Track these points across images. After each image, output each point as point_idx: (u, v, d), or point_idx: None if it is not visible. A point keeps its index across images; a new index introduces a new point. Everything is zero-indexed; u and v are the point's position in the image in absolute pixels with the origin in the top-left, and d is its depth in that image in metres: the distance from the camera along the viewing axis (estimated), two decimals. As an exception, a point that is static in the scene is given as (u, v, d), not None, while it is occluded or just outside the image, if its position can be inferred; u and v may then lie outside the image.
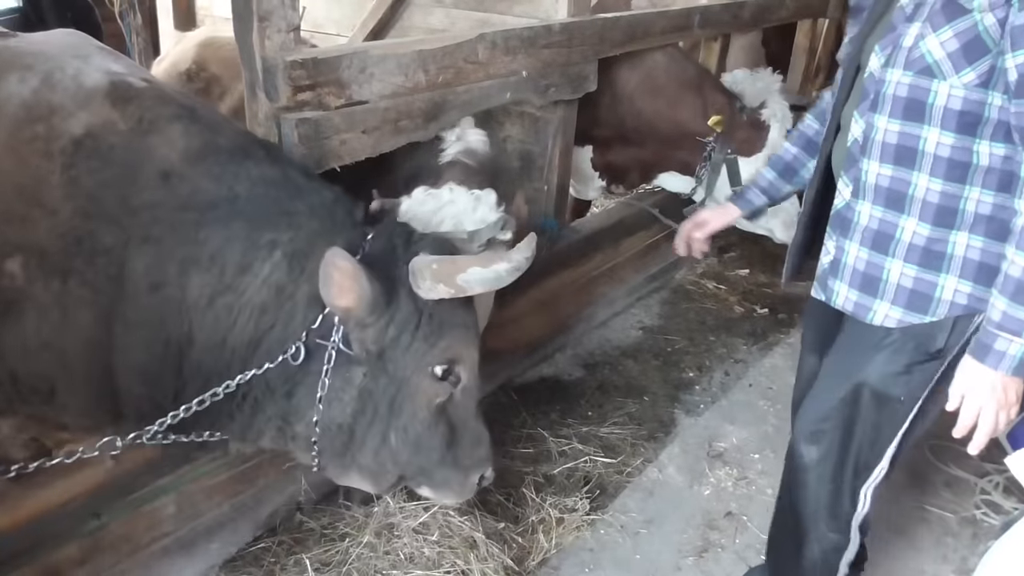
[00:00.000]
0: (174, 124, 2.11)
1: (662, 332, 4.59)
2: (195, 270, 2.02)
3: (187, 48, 4.07)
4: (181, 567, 2.63)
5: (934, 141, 1.97)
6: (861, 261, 2.15)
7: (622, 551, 3.06)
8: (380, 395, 2.10)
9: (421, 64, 2.76)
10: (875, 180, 2.09)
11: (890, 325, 2.13)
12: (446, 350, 2.11)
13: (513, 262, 2.02)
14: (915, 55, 1.94)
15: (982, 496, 3.39)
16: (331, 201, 2.18)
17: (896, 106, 2.00)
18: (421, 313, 2.05)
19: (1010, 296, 1.84)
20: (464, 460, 2.26)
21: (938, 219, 2.02)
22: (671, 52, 4.17)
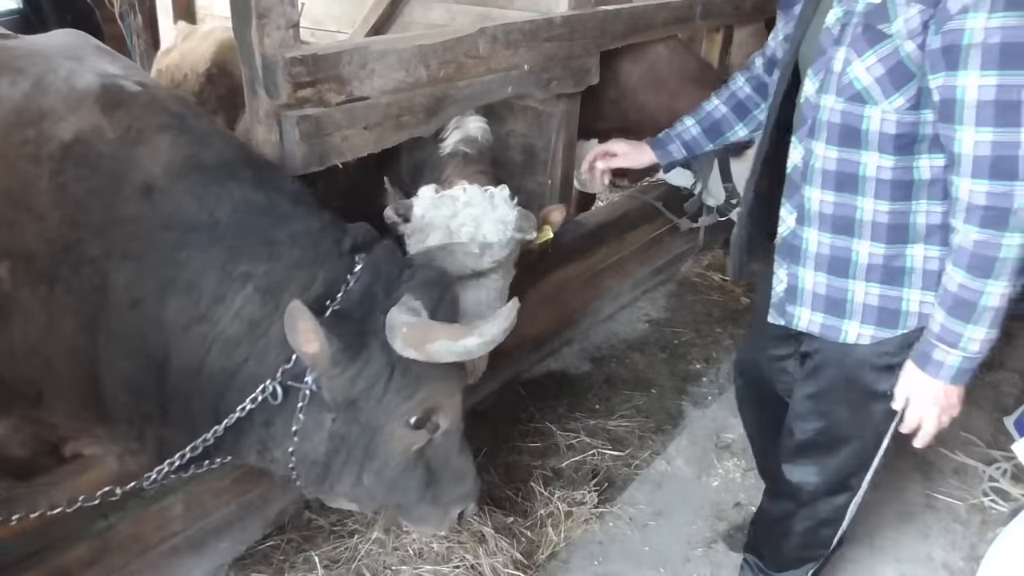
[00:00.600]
0: (162, 135, 2.07)
1: (668, 325, 4.58)
2: (173, 293, 1.98)
3: (204, 47, 4.04)
4: (191, 566, 2.63)
5: (874, 165, 1.96)
6: (821, 285, 2.13)
7: (631, 543, 3.06)
8: (353, 440, 2.06)
9: (422, 59, 2.75)
10: (819, 207, 2.07)
11: (864, 343, 2.12)
12: (423, 402, 2.05)
13: (485, 336, 1.89)
14: (844, 81, 1.92)
15: (990, 483, 3.39)
16: (317, 230, 2.10)
17: (832, 133, 1.98)
18: (394, 367, 1.98)
19: (947, 310, 1.88)
20: (443, 497, 2.24)
21: (891, 237, 2.02)
22: (673, 44, 4.15)
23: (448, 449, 2.21)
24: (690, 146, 2.67)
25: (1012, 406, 3.86)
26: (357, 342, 1.94)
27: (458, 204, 2.60)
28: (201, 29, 4.46)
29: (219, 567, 2.74)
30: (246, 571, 2.76)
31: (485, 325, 1.90)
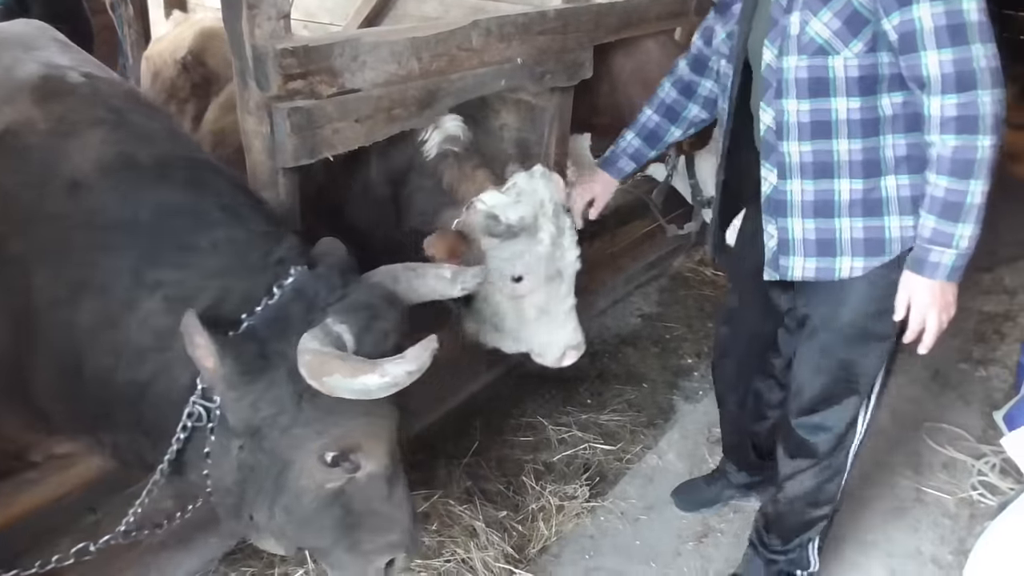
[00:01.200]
0: (95, 129, 1.98)
1: (661, 320, 4.58)
2: (86, 295, 1.88)
3: (185, 34, 4.02)
4: (180, 561, 2.62)
5: (844, 108, 2.18)
6: (811, 231, 2.31)
7: (622, 537, 3.07)
8: (262, 471, 1.88)
9: (414, 52, 2.73)
10: (799, 158, 2.26)
11: (856, 275, 2.30)
12: (338, 440, 1.85)
13: (387, 376, 1.70)
14: (805, 40, 2.14)
15: (979, 477, 3.40)
16: (243, 239, 1.95)
17: (801, 87, 2.19)
18: (301, 396, 1.79)
19: (937, 214, 2.08)
20: (364, 545, 1.99)
21: (866, 172, 2.23)
22: (663, 40, 4.14)
23: (373, 493, 1.95)
24: (636, 157, 2.91)
25: (1001, 401, 3.87)
26: (258, 364, 1.78)
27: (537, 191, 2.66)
28: (194, 17, 4.44)
29: (209, 562, 2.73)
30: (236, 566, 2.75)
31: (389, 364, 1.71)
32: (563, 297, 2.76)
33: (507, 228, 2.59)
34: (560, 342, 2.78)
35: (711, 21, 2.67)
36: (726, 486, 3.22)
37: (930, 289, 2.14)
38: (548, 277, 2.69)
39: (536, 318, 2.75)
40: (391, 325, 1.93)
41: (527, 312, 2.74)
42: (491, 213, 2.61)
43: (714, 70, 2.69)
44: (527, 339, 2.82)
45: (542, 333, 2.78)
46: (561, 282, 2.74)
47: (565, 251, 2.73)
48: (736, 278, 2.87)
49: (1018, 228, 5.67)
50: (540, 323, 2.76)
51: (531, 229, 2.63)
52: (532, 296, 2.71)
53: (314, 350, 1.72)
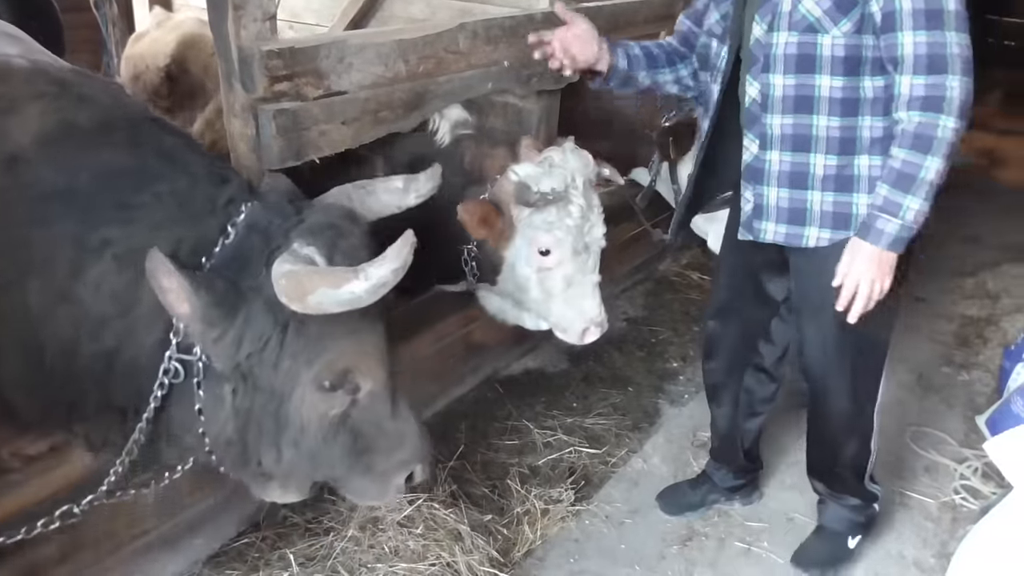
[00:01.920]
0: (35, 103, 1.91)
1: (646, 323, 4.59)
2: (32, 273, 1.82)
3: (167, 40, 3.98)
4: (164, 563, 2.61)
5: (827, 86, 2.30)
6: (784, 200, 2.45)
7: (607, 541, 3.07)
8: (259, 412, 1.87)
9: (401, 54, 2.73)
10: (780, 131, 2.39)
11: (823, 245, 2.43)
12: (330, 365, 1.84)
13: (372, 279, 1.68)
14: (796, 17, 2.26)
15: (961, 481, 3.42)
16: (186, 186, 1.91)
17: (788, 63, 2.31)
18: (286, 325, 1.79)
19: (891, 184, 2.21)
20: (379, 465, 2.01)
21: (842, 149, 2.35)
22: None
23: (377, 411, 1.96)
24: (631, 62, 2.76)
25: (984, 405, 3.90)
26: (232, 297, 1.76)
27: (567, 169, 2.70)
28: (175, 18, 4.41)
29: (193, 564, 2.71)
30: (220, 568, 2.73)
31: (371, 267, 1.69)
32: (589, 271, 2.80)
33: (541, 196, 2.63)
34: (584, 317, 2.80)
35: (701, 4, 2.72)
36: (711, 490, 3.22)
37: (869, 255, 2.25)
38: (575, 251, 2.73)
39: (561, 292, 2.77)
40: (358, 241, 1.92)
41: (553, 285, 2.77)
42: (523, 182, 2.65)
43: (695, 54, 2.76)
44: (552, 313, 2.84)
45: (567, 307, 2.80)
46: (588, 256, 2.78)
47: (593, 226, 2.77)
48: (726, 271, 2.93)
49: (1001, 233, 5.72)
50: (565, 297, 2.78)
51: (562, 200, 2.67)
52: (559, 269, 2.74)
53: (289, 271, 1.70)
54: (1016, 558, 2.15)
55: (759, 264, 2.74)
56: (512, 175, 2.68)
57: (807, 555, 2.97)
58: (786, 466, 3.47)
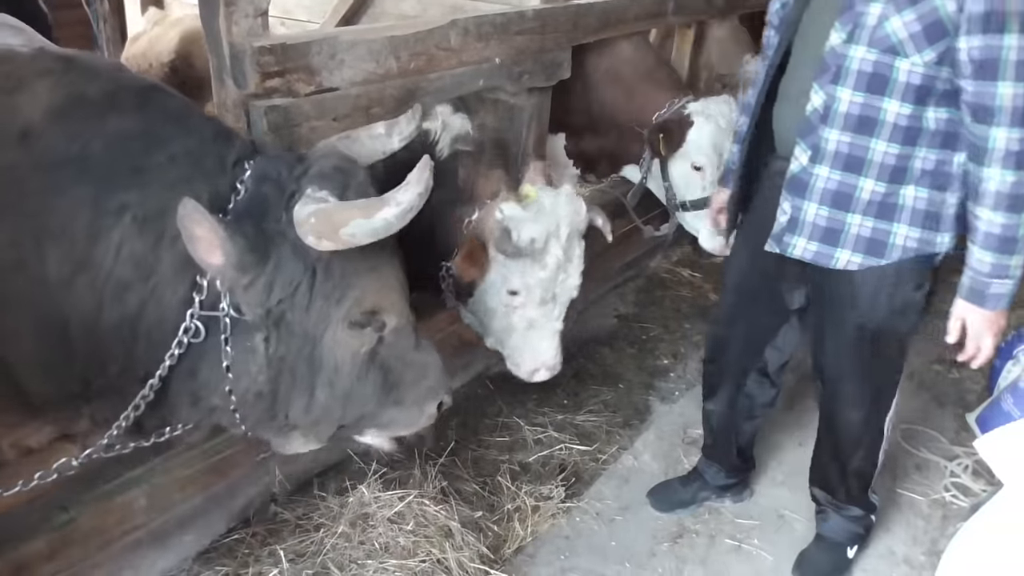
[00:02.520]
0: (43, 79, 1.92)
1: (637, 320, 4.59)
2: (49, 243, 1.82)
3: (169, 36, 3.98)
4: (154, 560, 2.61)
5: (894, 111, 2.22)
6: (822, 218, 2.39)
7: (598, 538, 3.07)
8: (293, 357, 1.92)
9: (392, 50, 2.73)
10: (835, 147, 2.31)
11: (852, 268, 2.41)
12: (359, 302, 1.92)
13: (403, 204, 1.77)
14: (880, 34, 2.16)
15: (952, 479, 3.43)
16: (197, 146, 1.94)
17: (860, 80, 2.22)
18: (314, 268, 1.85)
19: (995, 249, 2.18)
20: (409, 397, 2.10)
21: (892, 177, 2.30)
22: (637, 41, 4.15)
23: (402, 346, 2.05)
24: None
25: (974, 403, 3.91)
26: (263, 244, 1.81)
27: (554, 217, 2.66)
28: (171, 16, 4.40)
29: (183, 560, 2.71)
30: (210, 565, 2.73)
31: (399, 193, 1.78)
32: (552, 319, 2.80)
33: (515, 248, 2.60)
34: (537, 358, 2.82)
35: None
36: (702, 487, 3.22)
37: (988, 318, 2.26)
38: (543, 300, 2.72)
39: (521, 331, 2.79)
40: (364, 180, 2.00)
41: (516, 322, 2.78)
42: (505, 227, 2.61)
43: None
44: (508, 347, 2.86)
45: (523, 345, 2.82)
46: (554, 306, 2.78)
47: (568, 277, 2.76)
48: (738, 275, 2.89)
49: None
50: (524, 336, 2.80)
51: (538, 252, 2.64)
52: (523, 310, 2.75)
53: (318, 210, 1.77)
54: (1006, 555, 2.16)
55: (776, 272, 2.68)
56: (497, 213, 2.65)
57: (809, 566, 2.95)
58: (777, 463, 3.48)
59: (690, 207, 3.93)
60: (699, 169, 3.84)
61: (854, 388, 2.66)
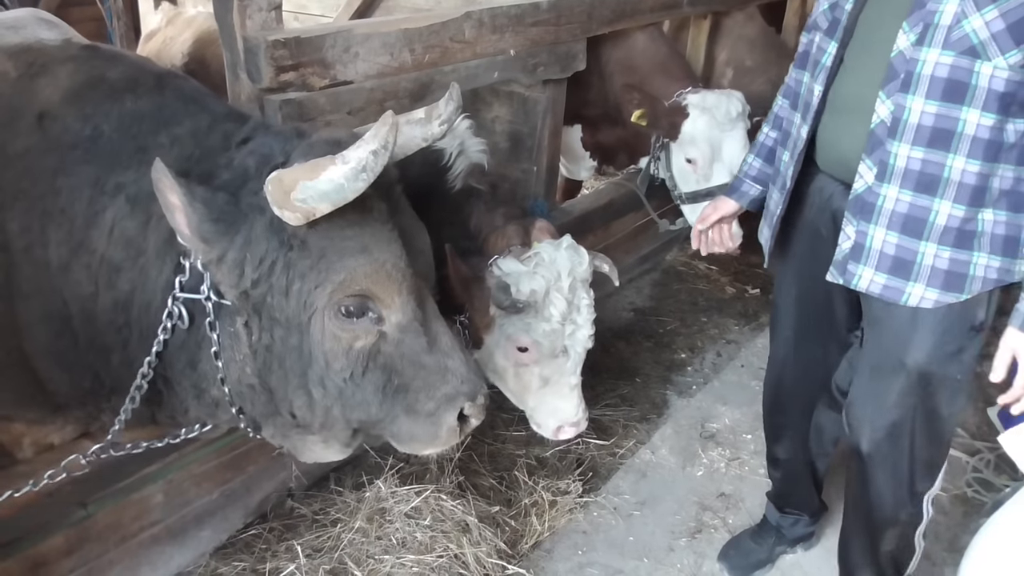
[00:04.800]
0: (66, 64, 1.92)
1: (654, 313, 4.57)
2: (51, 225, 1.78)
3: (184, 37, 3.97)
4: (171, 555, 2.61)
5: (974, 122, 1.93)
6: (890, 245, 2.09)
7: (615, 533, 3.06)
8: (280, 347, 1.74)
9: (407, 43, 2.71)
10: (905, 163, 2.02)
11: (926, 306, 2.10)
12: (344, 286, 1.68)
13: (350, 162, 1.55)
14: (957, 35, 1.88)
15: (973, 474, 3.40)
16: (206, 126, 1.86)
17: (934, 87, 1.94)
18: (291, 245, 1.66)
19: None
20: (422, 405, 1.82)
21: (972, 199, 2.00)
22: (651, 32, 4.12)
23: (411, 344, 1.78)
24: (759, 179, 2.62)
25: (996, 397, 3.86)
26: (232, 215, 1.65)
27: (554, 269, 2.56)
28: (185, 14, 4.39)
29: (200, 556, 2.72)
30: (227, 560, 2.73)
31: (349, 151, 1.56)
32: (567, 373, 2.67)
33: (513, 304, 2.51)
34: (558, 416, 2.71)
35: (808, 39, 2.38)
36: (779, 542, 2.96)
37: None
38: (552, 354, 2.62)
39: (537, 389, 2.70)
40: None
41: (530, 381, 2.69)
42: (503, 283, 2.52)
43: None
44: (527, 406, 2.77)
45: (541, 405, 2.72)
46: (567, 359, 2.65)
47: (577, 328, 2.63)
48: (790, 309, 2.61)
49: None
50: (541, 394, 2.70)
51: (540, 304, 2.54)
52: (535, 367, 2.65)
53: (273, 176, 1.58)
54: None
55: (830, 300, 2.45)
56: (496, 270, 2.58)
57: None
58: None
59: (685, 200, 3.89)
60: (691, 162, 3.80)
61: (894, 445, 2.31)
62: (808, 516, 2.94)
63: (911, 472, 2.33)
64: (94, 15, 5.35)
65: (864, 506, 2.45)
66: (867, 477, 2.38)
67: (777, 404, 2.78)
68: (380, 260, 1.70)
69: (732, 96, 3.79)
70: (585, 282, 2.66)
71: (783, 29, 5.48)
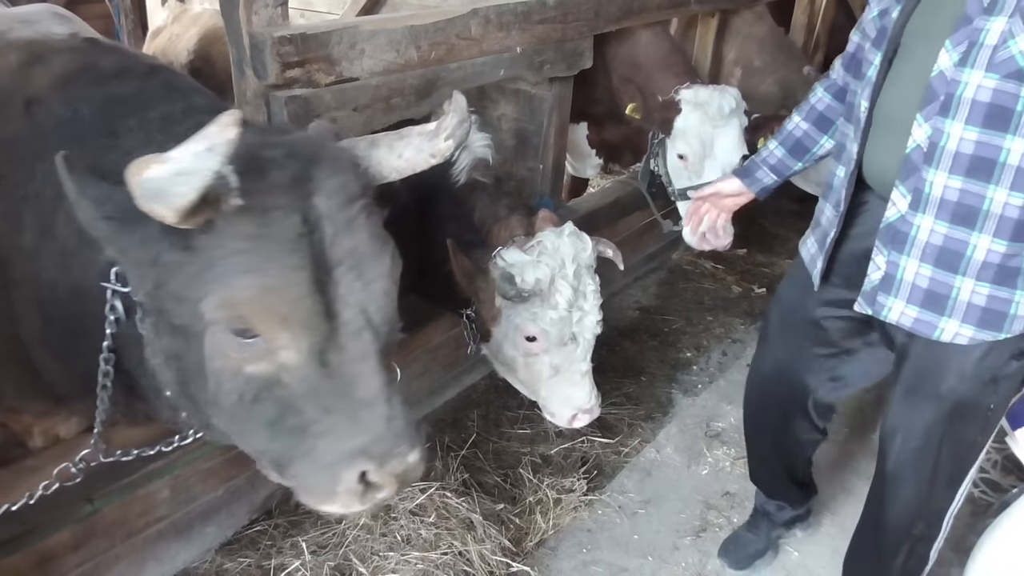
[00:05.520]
0: (63, 54, 1.91)
1: (659, 312, 4.57)
2: (27, 210, 1.75)
3: (189, 35, 3.97)
4: (176, 551, 2.62)
5: (1019, 152, 1.80)
6: (923, 278, 1.99)
7: (620, 531, 3.05)
8: (183, 356, 1.58)
9: (413, 40, 2.71)
10: (941, 192, 1.90)
11: (961, 343, 2.00)
12: (223, 303, 1.46)
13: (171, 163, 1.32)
14: (1002, 56, 1.76)
15: (980, 475, 3.38)
16: (180, 113, 1.77)
17: (975, 112, 1.81)
18: (182, 247, 1.46)
19: None
20: (321, 454, 1.54)
21: (1016, 234, 1.87)
22: (655, 30, 4.11)
23: (311, 383, 1.52)
24: (778, 169, 2.55)
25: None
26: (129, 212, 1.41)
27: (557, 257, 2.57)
28: (191, 10, 4.40)
29: (206, 552, 2.72)
30: (233, 556, 2.74)
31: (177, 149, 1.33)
32: (577, 360, 2.68)
33: (518, 293, 2.52)
34: (571, 404, 2.72)
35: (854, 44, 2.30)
36: (771, 527, 2.98)
37: None
38: (561, 341, 2.63)
39: (548, 378, 2.70)
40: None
41: (540, 371, 2.69)
42: (507, 273, 2.53)
43: None
44: (539, 396, 2.78)
45: (553, 393, 2.73)
46: (576, 346, 2.66)
47: (585, 315, 2.64)
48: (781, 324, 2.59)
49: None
50: (552, 383, 2.71)
51: (546, 292, 2.55)
52: (545, 356, 2.65)
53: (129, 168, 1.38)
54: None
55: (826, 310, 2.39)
56: (499, 261, 2.59)
57: None
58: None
59: (678, 196, 3.88)
60: (682, 158, 3.78)
61: (919, 470, 2.25)
62: (791, 503, 2.94)
63: (931, 491, 2.26)
64: (102, 12, 5.35)
65: (883, 522, 2.40)
66: (890, 495, 2.34)
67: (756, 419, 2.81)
68: (265, 287, 1.46)
69: (726, 92, 3.74)
70: (590, 268, 2.67)
71: (791, 28, 5.46)
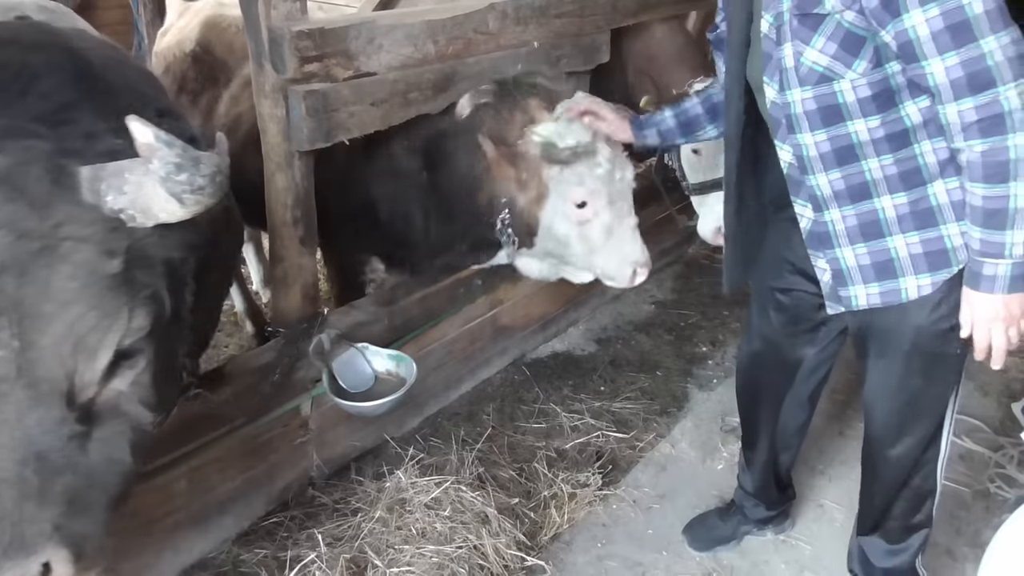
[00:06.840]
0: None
1: (675, 306, 4.56)
2: None
3: (191, 26, 3.99)
4: (193, 541, 2.64)
5: (864, 129, 2.03)
6: (864, 256, 2.16)
7: (635, 526, 3.05)
8: None
9: (430, 35, 2.72)
10: (831, 188, 2.12)
11: (926, 293, 2.13)
12: None
13: None
14: (803, 71, 2.01)
15: (996, 470, 3.37)
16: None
17: (813, 119, 2.06)
18: None
19: (981, 224, 1.94)
20: None
21: (907, 183, 2.07)
22: (671, 24, 4.09)
23: None
24: (664, 136, 2.72)
25: (1020, 392, 3.83)
26: None
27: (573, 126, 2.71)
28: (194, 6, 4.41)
29: (222, 542, 2.74)
30: (249, 547, 2.75)
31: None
32: (626, 215, 2.84)
33: (570, 151, 2.63)
34: (630, 260, 2.86)
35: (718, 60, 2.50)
36: (742, 522, 3.01)
37: (991, 304, 1.99)
38: (611, 199, 2.76)
39: (603, 242, 2.82)
40: None
41: (595, 237, 2.81)
42: (548, 141, 2.64)
43: None
44: (597, 264, 2.90)
45: (611, 256, 2.86)
46: (624, 201, 2.82)
47: (623, 173, 2.80)
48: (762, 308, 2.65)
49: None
50: (608, 246, 2.84)
51: (590, 151, 2.67)
52: (597, 219, 2.77)
53: None
54: (1053, 548, 2.12)
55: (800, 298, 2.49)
56: (534, 136, 2.69)
57: None
58: (818, 453, 3.42)
59: (693, 191, 3.86)
60: (697, 152, 3.76)
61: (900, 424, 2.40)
62: (767, 504, 2.98)
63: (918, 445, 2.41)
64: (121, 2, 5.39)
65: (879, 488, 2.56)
66: (881, 458, 2.49)
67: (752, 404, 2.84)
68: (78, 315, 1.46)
69: None
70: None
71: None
